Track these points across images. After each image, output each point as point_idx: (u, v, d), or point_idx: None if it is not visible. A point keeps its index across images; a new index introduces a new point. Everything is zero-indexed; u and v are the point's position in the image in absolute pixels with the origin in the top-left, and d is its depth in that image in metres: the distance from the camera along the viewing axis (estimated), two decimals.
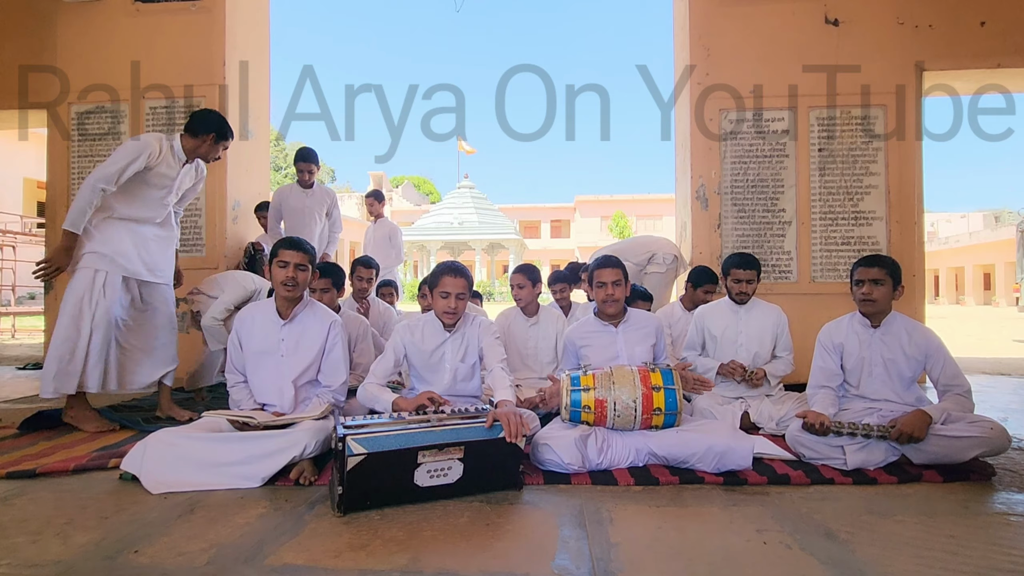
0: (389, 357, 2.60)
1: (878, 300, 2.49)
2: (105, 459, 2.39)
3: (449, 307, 2.49)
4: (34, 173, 15.78)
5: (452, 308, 2.49)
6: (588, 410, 2.33)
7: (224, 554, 1.61)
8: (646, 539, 1.72)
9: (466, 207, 29.33)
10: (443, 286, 2.49)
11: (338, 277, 3.30)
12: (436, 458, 1.97)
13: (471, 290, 2.58)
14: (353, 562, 1.57)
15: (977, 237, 29.47)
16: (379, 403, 2.43)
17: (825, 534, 1.75)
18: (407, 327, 2.64)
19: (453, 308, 2.49)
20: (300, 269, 2.46)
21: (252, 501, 2.00)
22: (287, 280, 2.44)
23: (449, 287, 2.48)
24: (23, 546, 1.66)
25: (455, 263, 2.58)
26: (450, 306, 2.49)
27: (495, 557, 1.60)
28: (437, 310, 2.56)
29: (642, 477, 2.22)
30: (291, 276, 2.44)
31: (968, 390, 2.41)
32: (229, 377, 2.60)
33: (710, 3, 4.59)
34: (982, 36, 4.40)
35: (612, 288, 2.64)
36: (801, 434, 2.39)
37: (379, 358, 2.63)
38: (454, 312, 2.51)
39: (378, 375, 2.56)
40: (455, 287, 2.48)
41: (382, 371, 2.58)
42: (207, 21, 4.85)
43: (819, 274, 4.47)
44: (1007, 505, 1.98)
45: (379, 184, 46.16)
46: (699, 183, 4.57)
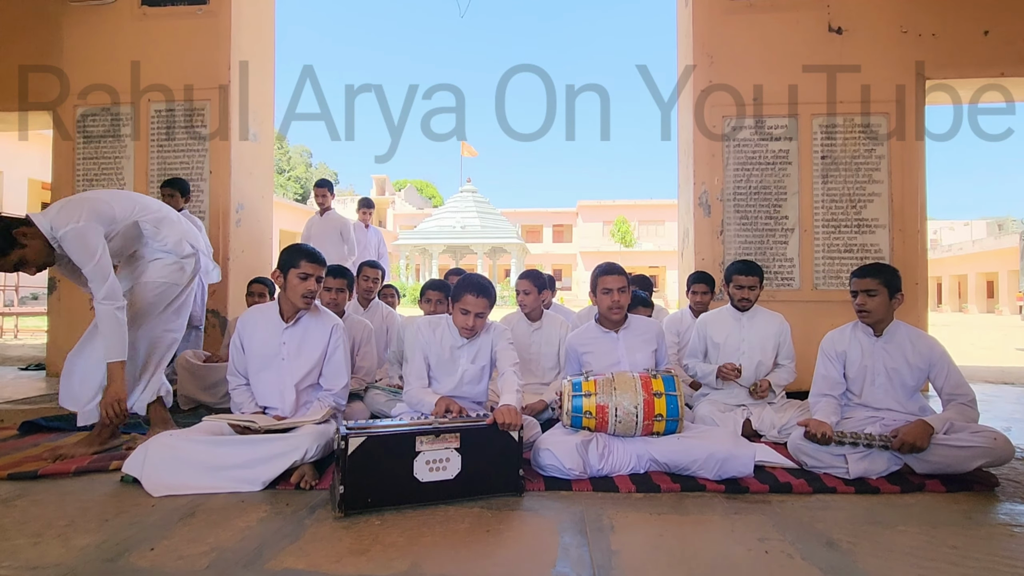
0: (418, 357, 2.58)
1: (873, 311, 2.49)
2: (106, 461, 2.40)
3: (467, 324, 2.49)
4: (39, 174, 15.85)
5: (470, 326, 2.49)
6: (589, 416, 2.33)
7: (224, 558, 1.61)
8: (647, 547, 1.72)
9: (468, 211, 29.37)
10: (464, 303, 2.47)
11: (351, 280, 3.35)
12: (433, 445, 2.01)
13: (492, 307, 2.54)
14: (353, 567, 1.56)
15: (980, 245, 29.42)
16: (424, 405, 2.45)
17: (827, 543, 1.74)
18: (427, 324, 2.63)
19: (471, 326, 2.49)
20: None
21: (253, 505, 2.00)
22: (307, 293, 2.46)
23: (470, 306, 2.47)
24: (24, 548, 1.66)
25: (481, 280, 2.51)
26: (468, 323, 2.48)
27: (495, 564, 1.60)
28: (455, 322, 2.55)
29: (643, 484, 2.21)
30: (312, 290, 2.47)
31: (973, 399, 2.40)
32: (231, 380, 2.61)
33: (713, 10, 4.61)
34: (985, 45, 4.41)
35: (618, 295, 2.64)
36: (803, 442, 2.38)
37: (407, 364, 2.64)
38: (472, 329, 2.51)
39: (414, 378, 2.57)
40: (476, 307, 2.47)
41: (416, 373, 2.57)
42: (213, 24, 4.88)
43: (821, 281, 4.46)
44: (1010, 516, 1.97)
45: (382, 187, 46.37)
46: (702, 189, 4.57)
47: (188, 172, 4.87)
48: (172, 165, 4.91)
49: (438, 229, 29.02)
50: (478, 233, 28.37)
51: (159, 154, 4.94)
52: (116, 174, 4.99)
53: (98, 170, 5.02)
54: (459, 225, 28.62)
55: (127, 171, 4.97)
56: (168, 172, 4.91)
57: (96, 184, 5.01)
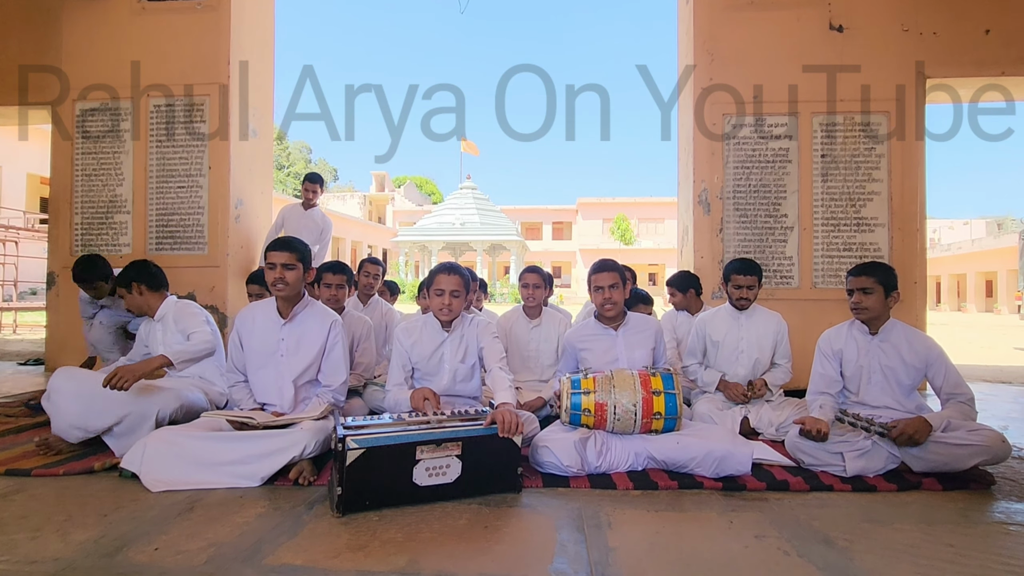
0: (396, 364, 2.64)
1: (868, 309, 2.50)
2: (89, 462, 2.35)
3: (443, 304, 2.53)
4: (38, 169, 15.83)
5: (446, 304, 2.53)
6: (588, 413, 2.34)
7: (223, 553, 1.61)
8: (644, 544, 1.72)
9: (468, 208, 29.35)
10: (438, 284, 2.54)
11: (351, 276, 3.38)
12: (434, 454, 1.98)
13: (467, 288, 2.60)
14: (351, 563, 1.57)
15: (979, 244, 29.43)
16: (402, 405, 2.49)
17: (823, 541, 1.75)
18: (405, 330, 2.66)
19: (447, 304, 2.53)
20: (288, 268, 2.45)
21: (251, 500, 2.00)
22: (275, 281, 2.46)
23: (443, 284, 2.52)
24: (23, 543, 1.67)
25: (451, 263, 2.62)
26: (444, 303, 2.53)
27: (493, 560, 1.60)
28: (433, 308, 2.59)
29: (641, 481, 2.22)
30: (279, 276, 2.45)
31: (971, 398, 2.41)
32: (229, 376, 2.61)
33: (715, 8, 4.60)
34: (987, 44, 4.40)
35: (609, 292, 2.65)
36: (800, 440, 2.39)
37: (390, 368, 2.67)
38: (450, 309, 2.54)
39: (395, 382, 2.61)
40: (449, 284, 2.52)
41: (395, 379, 2.62)
42: (213, 19, 4.87)
43: (820, 280, 4.47)
44: (1006, 514, 1.97)
45: (382, 184, 46.29)
46: (701, 188, 4.57)
47: (187, 167, 4.87)
48: (172, 161, 4.90)
49: (437, 226, 29.01)
50: (478, 230, 28.36)
51: (158, 150, 4.93)
52: (115, 170, 4.99)
53: (97, 165, 5.01)
54: (459, 222, 28.60)
55: (126, 167, 4.97)
56: (168, 168, 4.91)
57: (95, 180, 5.01)
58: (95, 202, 5.01)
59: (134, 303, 2.92)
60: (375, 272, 4.10)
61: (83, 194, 5.02)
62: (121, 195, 4.98)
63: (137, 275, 2.90)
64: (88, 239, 5.02)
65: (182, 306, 2.93)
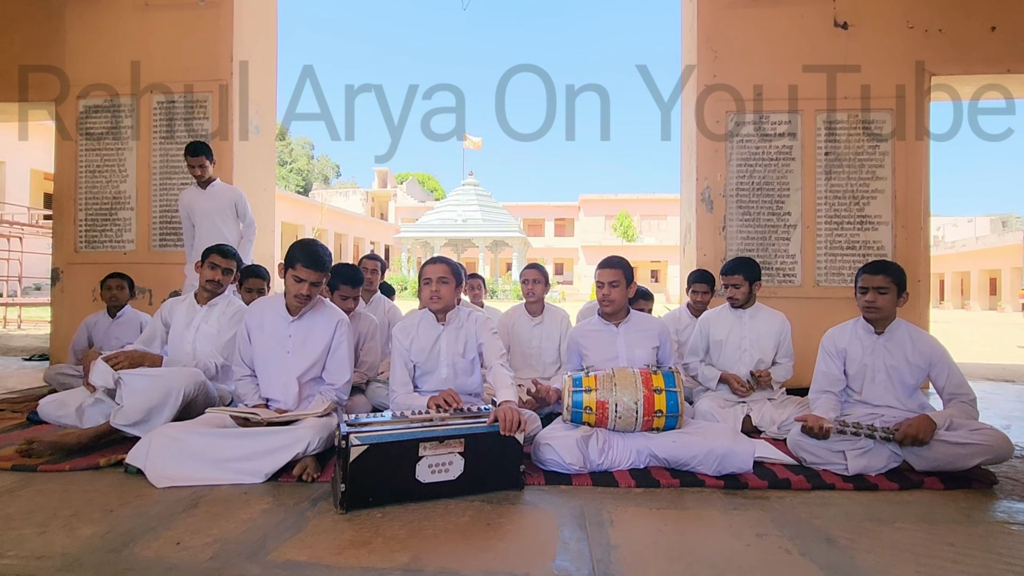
0: (399, 365, 2.64)
1: (882, 308, 2.48)
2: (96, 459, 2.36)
3: (432, 292, 2.56)
4: (41, 164, 15.87)
5: (435, 292, 2.56)
6: (590, 411, 2.34)
7: (227, 549, 1.62)
8: (646, 542, 1.73)
9: (470, 204, 29.32)
10: (425, 274, 2.58)
11: (360, 284, 3.32)
12: (437, 451, 2.00)
13: (457, 276, 2.62)
14: (355, 559, 1.58)
15: (983, 242, 29.32)
16: (414, 408, 2.47)
17: (825, 540, 1.75)
18: (401, 329, 2.67)
19: (435, 291, 2.56)
20: (316, 288, 2.51)
21: (255, 497, 2.02)
22: (299, 295, 2.48)
23: (429, 273, 2.57)
24: (30, 537, 1.68)
25: (437, 255, 2.63)
26: (432, 290, 2.56)
27: (496, 557, 1.61)
28: (423, 300, 2.62)
29: (643, 479, 2.23)
30: (304, 294, 2.47)
31: (973, 399, 2.41)
32: (236, 370, 2.63)
33: (718, 5, 4.58)
34: (992, 41, 4.37)
35: (608, 289, 2.66)
36: (802, 439, 2.39)
37: (392, 370, 2.67)
38: (439, 296, 2.56)
39: (399, 384, 2.62)
40: (435, 272, 2.56)
41: (400, 379, 2.62)
42: (214, 17, 4.87)
43: (823, 278, 4.46)
44: (1008, 514, 1.97)
45: (384, 180, 46.25)
46: (704, 185, 4.56)
47: None
48: (174, 158, 4.91)
49: (440, 222, 28.99)
50: (480, 226, 28.33)
51: (161, 147, 4.94)
52: (119, 167, 5.00)
53: (100, 162, 5.03)
54: (461, 218, 28.58)
55: (129, 164, 4.98)
56: (170, 165, 4.92)
57: (98, 176, 5.02)
58: (99, 198, 5.03)
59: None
60: (373, 267, 4.09)
61: (87, 190, 5.04)
62: (124, 192, 5.00)
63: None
64: (92, 235, 5.04)
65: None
